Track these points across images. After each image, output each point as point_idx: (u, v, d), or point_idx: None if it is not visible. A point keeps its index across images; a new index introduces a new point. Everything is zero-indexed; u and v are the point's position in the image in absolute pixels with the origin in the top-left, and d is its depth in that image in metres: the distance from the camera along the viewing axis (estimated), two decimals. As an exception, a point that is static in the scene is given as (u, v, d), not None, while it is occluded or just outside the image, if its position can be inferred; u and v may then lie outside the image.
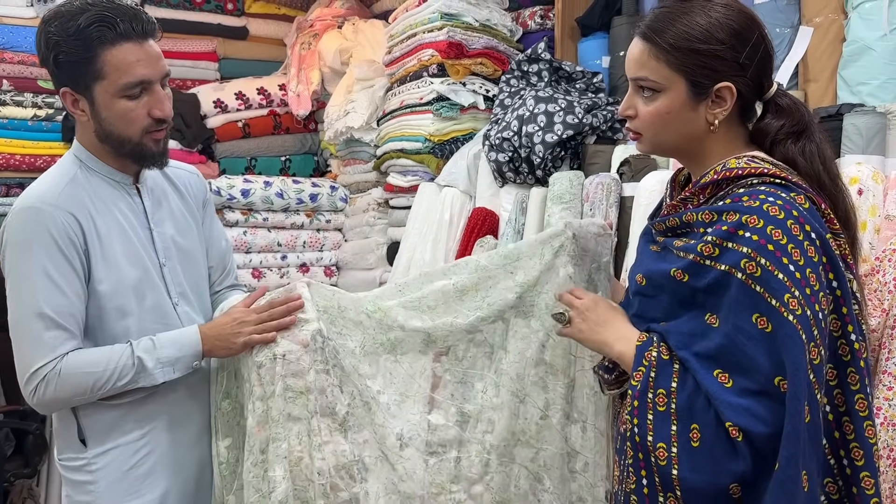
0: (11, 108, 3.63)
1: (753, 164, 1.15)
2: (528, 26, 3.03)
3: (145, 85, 1.47)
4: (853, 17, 2.01)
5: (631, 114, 1.22)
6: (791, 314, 1.02)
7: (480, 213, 2.58)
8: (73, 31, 1.41)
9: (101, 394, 1.46)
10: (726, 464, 1.06)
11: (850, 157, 1.78)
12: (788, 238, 1.05)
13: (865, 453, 1.06)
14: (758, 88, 1.20)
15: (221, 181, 3.39)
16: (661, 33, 1.16)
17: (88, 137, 1.52)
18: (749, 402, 1.05)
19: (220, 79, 4.05)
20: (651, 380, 1.14)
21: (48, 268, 1.41)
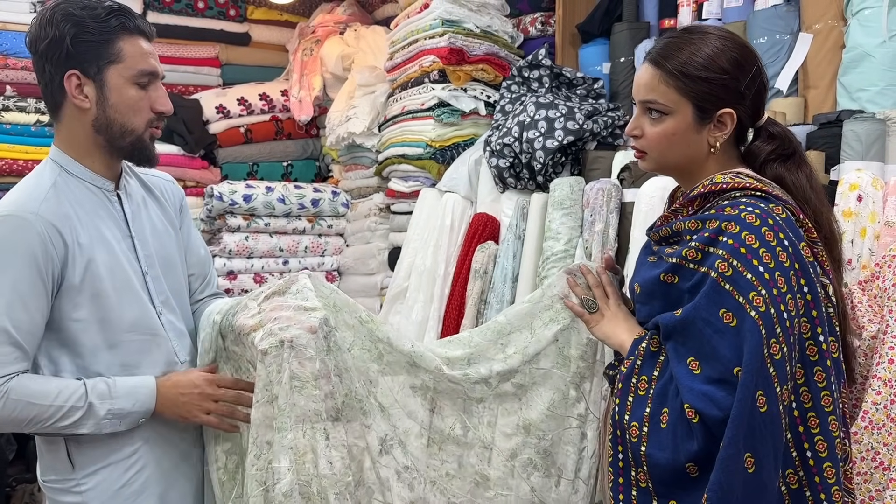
0: (14, 113, 3.64)
1: (738, 178, 1.25)
2: (529, 32, 3.04)
3: (152, 78, 1.49)
4: (853, 23, 2.02)
5: (637, 134, 1.32)
6: (754, 310, 1.13)
7: (481, 219, 2.59)
8: (97, 15, 1.43)
9: (39, 429, 1.39)
10: (683, 443, 1.17)
11: (849, 164, 1.79)
12: (761, 243, 1.15)
13: (829, 446, 1.16)
14: (754, 116, 1.30)
15: (223, 186, 3.39)
16: (672, 61, 1.26)
17: (77, 134, 1.47)
18: (709, 388, 1.16)
19: (223, 84, 4.06)
20: (637, 367, 1.28)
21: (19, 283, 1.36)
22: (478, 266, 2.48)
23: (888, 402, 1.50)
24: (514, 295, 2.37)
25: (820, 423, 1.16)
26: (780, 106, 2.12)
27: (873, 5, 1.96)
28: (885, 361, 1.51)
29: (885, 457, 1.51)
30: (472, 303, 2.46)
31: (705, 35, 1.28)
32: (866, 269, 1.67)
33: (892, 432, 1.50)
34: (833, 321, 1.20)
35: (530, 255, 2.33)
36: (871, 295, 1.62)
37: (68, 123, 1.48)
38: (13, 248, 1.36)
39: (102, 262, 1.45)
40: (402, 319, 2.69)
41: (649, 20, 2.70)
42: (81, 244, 1.43)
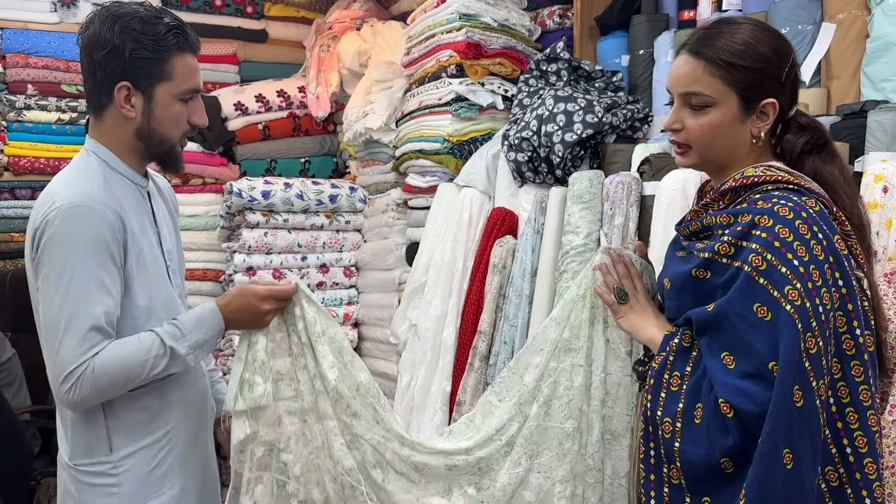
0: (36, 112, 3.68)
1: (769, 172, 1.23)
2: (546, 26, 3.03)
3: (195, 94, 1.58)
4: (877, 13, 1.99)
5: (678, 127, 1.29)
6: (790, 304, 1.11)
7: (499, 214, 2.58)
8: (156, 32, 1.50)
9: (134, 386, 1.48)
10: (718, 439, 1.16)
11: (874, 155, 1.76)
12: (795, 236, 1.14)
13: (868, 441, 1.14)
14: (791, 106, 1.29)
15: (242, 183, 3.41)
16: (715, 50, 1.25)
17: (119, 136, 1.55)
18: (744, 383, 1.14)
19: (240, 82, 4.08)
20: (669, 363, 1.27)
21: (100, 271, 1.43)
22: (496, 261, 2.48)
23: (917, 396, 1.48)
24: (532, 289, 2.36)
25: (859, 418, 1.14)
26: (803, 97, 2.08)
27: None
28: (912, 354, 1.49)
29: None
30: (490, 297, 2.46)
31: (741, 25, 1.27)
32: (892, 262, 1.65)
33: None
34: (868, 315, 1.18)
35: (549, 250, 2.32)
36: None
37: (110, 124, 1.55)
38: (89, 237, 1.43)
39: (146, 252, 1.55)
40: (421, 314, 2.69)
41: (668, 12, 2.68)
42: (134, 233, 1.52)
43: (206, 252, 3.66)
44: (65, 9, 3.78)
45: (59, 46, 3.73)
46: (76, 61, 3.75)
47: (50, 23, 3.75)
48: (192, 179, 3.71)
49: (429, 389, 2.57)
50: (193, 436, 1.65)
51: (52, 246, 1.43)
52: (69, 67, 3.74)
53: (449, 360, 2.55)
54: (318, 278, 3.62)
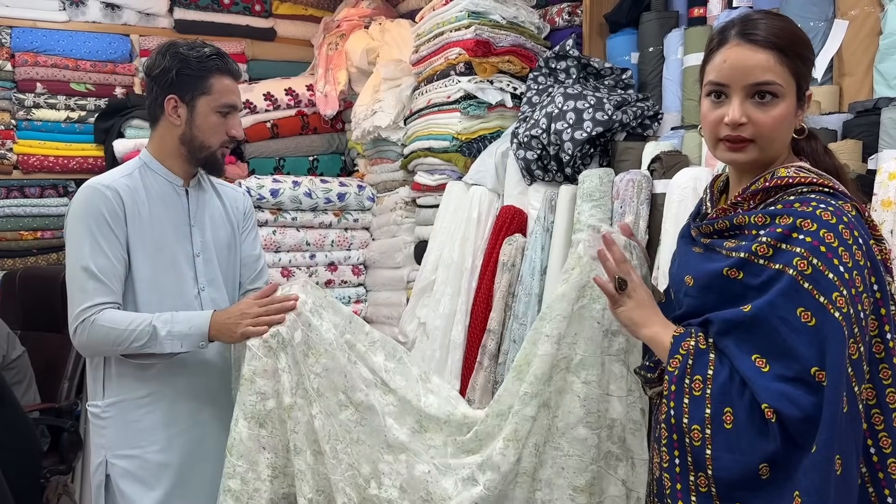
0: (45, 110, 3.69)
1: (802, 173, 1.21)
2: (555, 23, 3.01)
3: (232, 109, 1.87)
4: (890, 9, 1.97)
5: (745, 121, 1.23)
6: (838, 311, 1.10)
7: (509, 212, 2.58)
8: (200, 55, 1.83)
9: (122, 350, 1.74)
10: (758, 444, 1.14)
11: (888, 152, 1.74)
12: (840, 241, 1.12)
13: (893, 442, 1.14)
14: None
15: (251, 181, 3.41)
16: (782, 39, 1.21)
17: (166, 142, 1.87)
18: (785, 387, 1.12)
19: (249, 80, 4.08)
20: (689, 367, 1.22)
21: (95, 233, 1.74)
22: (505, 259, 2.47)
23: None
24: (542, 288, 2.35)
25: (885, 419, 1.14)
26: (815, 94, 2.06)
27: (912, -10, 1.92)
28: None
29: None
30: (499, 296, 2.45)
31: (779, 16, 1.25)
32: (906, 260, 1.63)
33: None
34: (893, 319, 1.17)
35: (559, 248, 2.31)
36: (912, 286, 1.58)
37: (161, 132, 1.88)
38: (87, 210, 1.75)
39: (158, 233, 1.82)
40: (430, 312, 2.68)
41: (678, 9, 2.66)
42: (142, 213, 1.81)
43: (214, 250, 3.67)
44: (73, 7, 3.78)
45: (67, 45, 3.74)
46: (85, 60, 3.76)
47: (59, 21, 3.76)
48: (201, 178, 3.72)
49: (437, 388, 2.57)
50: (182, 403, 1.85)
51: (67, 220, 1.80)
52: (78, 66, 3.75)
53: (458, 359, 2.54)
54: (326, 276, 3.62)
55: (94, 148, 3.77)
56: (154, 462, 1.81)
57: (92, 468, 1.85)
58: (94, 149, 3.77)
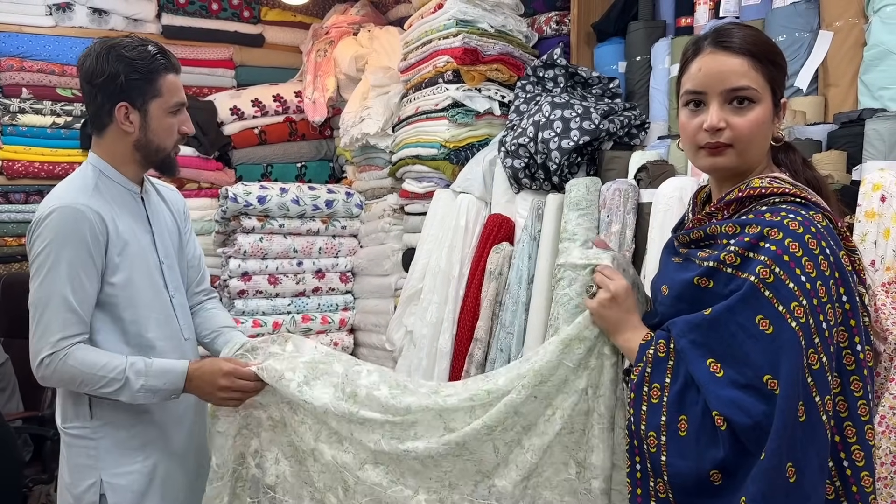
0: (31, 115, 3.67)
1: (776, 183, 1.22)
2: (543, 32, 3.02)
3: (181, 107, 1.82)
4: (874, 20, 1.98)
5: (723, 126, 1.24)
6: (795, 321, 1.10)
7: (496, 220, 2.58)
8: (146, 56, 1.75)
9: (87, 391, 1.69)
10: (708, 451, 1.15)
11: (872, 163, 1.75)
12: (804, 251, 1.13)
13: (866, 455, 1.14)
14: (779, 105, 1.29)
15: (238, 188, 3.40)
16: (755, 46, 1.23)
17: (117, 149, 1.79)
18: (737, 393, 1.13)
19: (237, 86, 4.07)
20: (647, 374, 1.25)
21: (74, 261, 1.66)
22: (493, 267, 2.47)
23: (909, 407, 1.48)
24: (528, 296, 2.35)
25: (857, 432, 1.14)
26: (800, 105, 2.09)
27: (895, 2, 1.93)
28: (908, 365, 1.49)
29: (908, 461, 1.49)
30: (486, 304, 2.45)
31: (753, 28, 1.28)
32: (890, 271, 1.64)
33: (914, 436, 1.48)
34: (868, 330, 1.18)
35: (546, 257, 2.31)
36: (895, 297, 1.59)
37: (111, 140, 1.79)
38: (70, 233, 1.66)
39: (132, 249, 1.77)
40: (417, 321, 2.68)
41: (665, 19, 2.67)
42: (119, 231, 1.74)
43: (201, 257, 3.65)
44: (60, 13, 3.76)
45: (54, 50, 3.71)
46: (71, 65, 3.74)
47: (45, 26, 3.74)
48: (188, 184, 3.70)
49: (424, 396, 2.56)
50: (173, 420, 1.84)
51: (39, 241, 1.67)
52: (64, 71, 3.73)
53: (445, 368, 2.54)
54: (313, 283, 3.61)
55: (80, 154, 3.74)
56: (146, 472, 1.80)
57: (77, 491, 1.76)
58: (80, 155, 3.74)
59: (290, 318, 3.54)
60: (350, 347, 3.68)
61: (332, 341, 3.63)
